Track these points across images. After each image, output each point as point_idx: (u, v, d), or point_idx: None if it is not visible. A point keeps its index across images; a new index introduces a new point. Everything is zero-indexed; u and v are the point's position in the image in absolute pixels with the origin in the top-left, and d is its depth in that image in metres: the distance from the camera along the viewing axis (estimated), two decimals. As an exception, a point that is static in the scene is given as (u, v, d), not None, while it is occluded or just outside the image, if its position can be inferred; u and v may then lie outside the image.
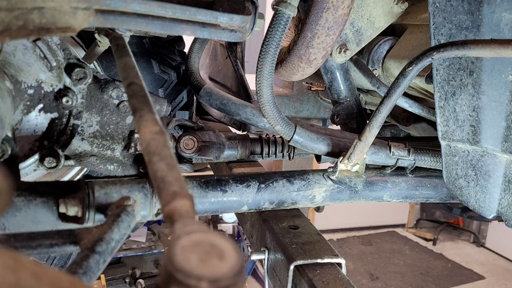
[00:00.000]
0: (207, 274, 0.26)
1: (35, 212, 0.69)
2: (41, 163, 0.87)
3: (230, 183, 0.86)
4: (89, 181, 0.71)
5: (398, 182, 1.02)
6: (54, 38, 0.81)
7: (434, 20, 0.82)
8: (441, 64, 0.85)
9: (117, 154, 0.94)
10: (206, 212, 0.86)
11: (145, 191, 0.73)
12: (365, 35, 1.13)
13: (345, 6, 0.91)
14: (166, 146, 0.46)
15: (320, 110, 2.09)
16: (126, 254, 3.82)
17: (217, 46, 1.69)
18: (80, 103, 0.89)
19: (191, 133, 1.01)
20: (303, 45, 0.96)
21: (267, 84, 0.93)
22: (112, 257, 0.60)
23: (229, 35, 0.73)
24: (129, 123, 0.94)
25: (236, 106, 1.26)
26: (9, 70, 0.78)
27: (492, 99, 0.80)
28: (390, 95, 0.83)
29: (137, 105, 0.55)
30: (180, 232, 0.29)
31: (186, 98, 1.61)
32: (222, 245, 0.29)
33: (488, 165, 0.88)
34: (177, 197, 0.37)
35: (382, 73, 1.21)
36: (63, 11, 0.54)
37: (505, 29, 0.74)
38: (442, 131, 0.92)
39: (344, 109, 1.26)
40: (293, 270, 0.85)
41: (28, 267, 0.24)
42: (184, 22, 0.69)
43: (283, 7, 0.84)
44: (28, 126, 0.86)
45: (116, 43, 0.75)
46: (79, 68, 0.85)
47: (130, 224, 0.65)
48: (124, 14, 0.63)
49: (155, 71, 1.52)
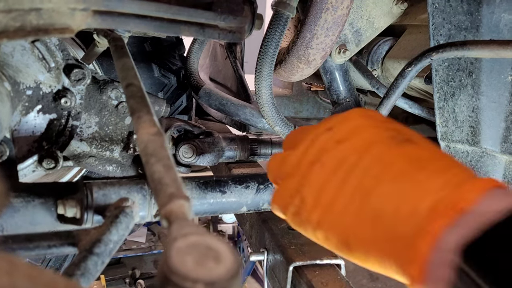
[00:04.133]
0: (203, 276, 0.26)
1: (33, 214, 0.69)
2: (39, 164, 0.87)
3: (229, 184, 0.85)
4: (88, 182, 0.71)
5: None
6: (53, 39, 0.81)
7: (433, 20, 0.82)
8: (440, 64, 0.85)
9: (116, 155, 0.94)
10: (205, 213, 0.86)
11: (143, 192, 0.73)
12: (364, 35, 1.13)
13: (344, 6, 0.91)
14: (163, 148, 0.46)
15: (319, 111, 2.09)
16: (126, 255, 3.82)
17: (217, 46, 1.69)
18: (79, 104, 0.89)
19: (190, 140, 1.01)
20: (302, 45, 0.96)
21: (266, 85, 0.93)
22: (110, 258, 0.60)
23: (228, 36, 0.73)
24: (127, 124, 0.94)
25: (235, 106, 1.26)
26: (8, 71, 0.78)
27: (492, 99, 0.80)
28: (389, 95, 0.83)
29: (135, 106, 0.55)
30: (177, 234, 0.29)
31: (186, 102, 1.61)
32: (218, 248, 0.28)
33: (488, 165, 0.87)
34: (174, 198, 0.37)
35: (382, 73, 1.21)
36: (61, 12, 0.54)
37: (504, 30, 0.74)
38: (442, 131, 0.92)
39: (344, 109, 1.26)
40: (292, 271, 0.85)
41: (23, 270, 0.24)
42: (183, 23, 0.68)
43: (282, 8, 0.84)
44: (27, 127, 0.86)
45: (115, 44, 0.75)
46: (78, 69, 0.84)
47: (128, 225, 0.65)
48: (122, 15, 0.63)
49: (155, 74, 1.52)
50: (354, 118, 0.45)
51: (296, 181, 0.44)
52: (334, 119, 0.46)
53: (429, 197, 0.34)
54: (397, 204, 0.36)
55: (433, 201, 0.34)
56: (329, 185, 0.40)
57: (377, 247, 0.37)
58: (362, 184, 0.38)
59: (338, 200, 0.40)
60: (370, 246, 0.37)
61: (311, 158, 0.43)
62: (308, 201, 0.42)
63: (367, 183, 0.38)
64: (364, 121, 0.44)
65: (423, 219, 0.34)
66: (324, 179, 0.41)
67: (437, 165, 0.37)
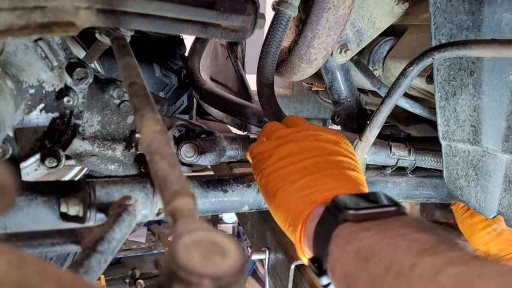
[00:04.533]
0: (209, 271, 0.26)
1: (36, 212, 0.69)
2: (42, 163, 0.87)
3: (231, 183, 0.86)
4: (90, 181, 0.71)
5: (398, 182, 1.03)
6: (55, 37, 0.81)
7: (435, 20, 0.83)
8: (441, 64, 0.86)
9: (118, 154, 0.94)
10: (207, 212, 0.86)
11: (146, 191, 0.73)
12: (365, 35, 1.13)
13: (346, 6, 0.91)
14: (167, 145, 0.46)
15: (320, 111, 2.09)
16: (126, 255, 3.82)
17: (218, 46, 1.70)
18: (81, 102, 0.89)
19: (192, 139, 1.01)
20: (304, 45, 0.97)
21: (268, 84, 0.93)
22: (113, 256, 0.60)
23: (230, 35, 0.73)
24: (130, 122, 0.94)
25: (237, 106, 1.26)
26: (11, 70, 0.79)
27: (493, 99, 0.80)
28: (391, 95, 0.83)
29: (139, 104, 0.55)
30: (182, 231, 0.30)
31: (187, 102, 1.62)
32: (224, 243, 0.29)
33: (489, 165, 0.88)
34: (178, 195, 0.37)
35: (383, 73, 1.21)
36: (65, 11, 0.54)
37: (506, 29, 0.75)
38: (443, 131, 0.92)
39: (345, 109, 1.26)
40: (294, 269, 0.85)
41: (32, 264, 0.25)
42: (186, 22, 0.69)
43: (284, 7, 0.84)
44: (29, 126, 0.86)
45: (118, 43, 0.76)
46: (80, 68, 0.85)
47: (131, 223, 0.65)
48: (126, 14, 0.63)
49: (156, 74, 1.52)
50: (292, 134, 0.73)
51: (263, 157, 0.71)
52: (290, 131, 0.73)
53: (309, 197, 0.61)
54: (302, 186, 0.62)
55: (310, 199, 0.60)
56: (276, 163, 0.67)
57: (290, 202, 0.62)
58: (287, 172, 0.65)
59: (277, 172, 0.66)
60: (283, 204, 0.62)
61: (272, 148, 0.70)
62: (266, 167, 0.69)
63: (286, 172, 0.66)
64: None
65: (312, 200, 0.60)
66: (274, 162, 0.68)
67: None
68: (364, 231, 0.49)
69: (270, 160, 0.68)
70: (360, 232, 0.49)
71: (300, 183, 0.62)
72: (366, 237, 0.48)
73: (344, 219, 0.52)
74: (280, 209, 0.63)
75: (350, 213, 0.51)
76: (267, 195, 0.67)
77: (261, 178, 0.69)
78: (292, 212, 0.60)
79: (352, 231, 0.50)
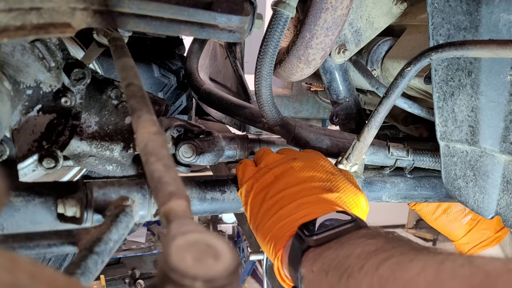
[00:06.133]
0: (202, 274, 0.26)
1: (34, 213, 0.69)
2: (39, 163, 0.87)
3: (229, 183, 0.86)
4: (88, 182, 0.71)
5: (397, 182, 1.02)
6: (53, 38, 0.81)
7: (433, 20, 0.82)
8: (439, 64, 0.85)
9: (116, 155, 0.94)
10: (205, 212, 0.86)
11: (143, 192, 0.73)
12: (364, 35, 1.13)
13: (344, 6, 0.91)
14: (163, 147, 0.46)
15: (319, 111, 2.09)
16: (125, 255, 3.82)
17: (217, 46, 1.69)
18: (79, 103, 0.89)
19: (190, 139, 1.01)
20: (302, 45, 0.96)
21: (266, 85, 0.93)
22: (110, 257, 0.60)
23: (228, 35, 0.73)
24: (127, 123, 0.94)
25: (235, 106, 1.26)
26: (8, 70, 0.79)
27: (491, 99, 0.80)
28: (389, 95, 0.83)
29: (135, 105, 0.55)
30: (176, 232, 0.29)
31: (186, 102, 1.61)
32: (217, 245, 0.29)
33: (487, 165, 0.88)
34: (173, 197, 0.37)
35: (381, 73, 1.21)
36: (61, 12, 0.54)
37: (503, 30, 0.74)
38: (441, 131, 0.92)
39: (343, 109, 1.26)
40: (292, 270, 0.85)
41: (25, 267, 0.24)
42: (183, 22, 0.69)
43: (282, 8, 0.84)
44: (27, 127, 0.86)
45: (115, 43, 0.76)
46: (78, 69, 0.85)
47: (128, 224, 0.65)
48: (122, 14, 0.63)
49: (155, 74, 1.52)
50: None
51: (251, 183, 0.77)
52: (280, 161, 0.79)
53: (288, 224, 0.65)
54: (278, 219, 0.67)
55: (291, 226, 0.64)
56: (259, 194, 0.74)
57: (268, 235, 0.66)
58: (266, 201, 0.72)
59: (256, 208, 0.73)
60: (265, 234, 0.67)
61: (259, 175, 0.77)
62: (245, 203, 0.78)
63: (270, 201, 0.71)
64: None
65: (285, 231, 0.64)
66: (259, 191, 0.74)
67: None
68: (327, 250, 0.56)
69: (251, 195, 0.75)
70: (323, 252, 0.56)
71: (276, 216, 0.67)
72: (328, 255, 0.54)
73: (308, 245, 0.58)
74: (262, 242, 0.69)
75: (313, 239, 0.58)
76: (253, 229, 0.74)
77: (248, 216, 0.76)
78: (271, 245, 0.66)
79: (317, 254, 0.56)
